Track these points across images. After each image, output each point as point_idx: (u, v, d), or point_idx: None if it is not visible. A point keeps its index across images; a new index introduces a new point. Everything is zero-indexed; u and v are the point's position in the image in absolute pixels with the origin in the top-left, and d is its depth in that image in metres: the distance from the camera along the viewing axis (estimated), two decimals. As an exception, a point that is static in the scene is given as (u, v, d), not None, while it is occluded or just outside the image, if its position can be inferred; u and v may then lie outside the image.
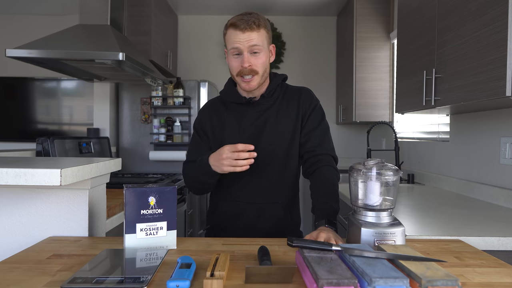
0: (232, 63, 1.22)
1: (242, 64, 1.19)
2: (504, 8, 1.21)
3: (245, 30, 1.16)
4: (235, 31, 1.18)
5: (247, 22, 1.17)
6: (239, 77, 1.22)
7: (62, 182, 0.92)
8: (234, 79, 1.26)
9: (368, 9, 3.19)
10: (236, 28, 1.18)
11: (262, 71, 1.22)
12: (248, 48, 1.18)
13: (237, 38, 1.17)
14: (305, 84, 4.04)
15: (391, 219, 0.92)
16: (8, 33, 3.90)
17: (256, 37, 1.18)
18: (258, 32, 1.19)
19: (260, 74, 1.22)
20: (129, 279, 0.73)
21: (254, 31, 1.17)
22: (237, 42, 1.18)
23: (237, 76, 1.22)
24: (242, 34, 1.17)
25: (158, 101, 3.15)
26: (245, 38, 1.17)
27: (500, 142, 1.70)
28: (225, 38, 1.23)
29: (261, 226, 1.27)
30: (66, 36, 2.10)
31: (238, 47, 1.18)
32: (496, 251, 1.13)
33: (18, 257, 0.89)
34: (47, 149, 2.12)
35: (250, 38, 1.17)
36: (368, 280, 0.65)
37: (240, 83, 1.24)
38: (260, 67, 1.21)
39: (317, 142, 1.26)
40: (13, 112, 3.83)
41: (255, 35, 1.18)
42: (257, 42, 1.18)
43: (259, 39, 1.19)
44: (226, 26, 1.22)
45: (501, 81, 1.21)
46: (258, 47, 1.19)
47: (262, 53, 1.21)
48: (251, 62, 1.19)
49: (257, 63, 1.20)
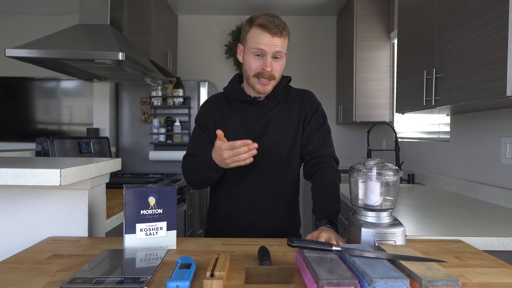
0: (251, 63, 1.20)
1: (264, 67, 1.18)
2: (504, 8, 1.21)
3: (275, 35, 1.16)
4: (264, 32, 1.16)
5: (278, 27, 1.16)
6: (256, 78, 1.21)
7: (62, 182, 0.92)
8: (248, 79, 1.24)
9: (368, 9, 3.19)
10: (265, 30, 1.16)
11: (279, 77, 1.24)
12: (273, 53, 1.18)
13: (265, 41, 1.16)
14: (305, 84, 4.05)
15: (392, 219, 0.92)
16: (8, 32, 3.90)
17: (281, 43, 1.18)
18: (284, 39, 1.19)
19: (276, 80, 1.23)
20: (129, 279, 0.73)
21: (281, 37, 1.17)
22: (263, 45, 1.16)
23: (254, 76, 1.21)
24: (271, 37, 1.16)
25: (158, 101, 3.15)
26: (273, 42, 1.16)
27: (501, 142, 1.70)
28: (248, 35, 1.20)
29: (261, 227, 1.27)
30: (66, 36, 2.10)
31: (264, 50, 1.17)
32: (496, 251, 1.13)
33: (18, 257, 0.89)
34: (46, 149, 2.12)
35: (277, 43, 1.17)
36: (369, 280, 0.65)
37: (255, 84, 1.23)
38: (278, 73, 1.22)
39: (318, 144, 1.26)
40: (13, 112, 3.83)
41: (281, 42, 1.18)
42: (281, 48, 1.18)
43: (283, 45, 1.19)
44: (251, 23, 1.19)
45: (502, 81, 1.21)
46: (281, 53, 1.20)
47: (282, 59, 1.22)
48: (272, 67, 1.19)
49: (277, 69, 1.21)
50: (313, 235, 0.97)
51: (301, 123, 1.28)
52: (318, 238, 0.94)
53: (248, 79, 1.25)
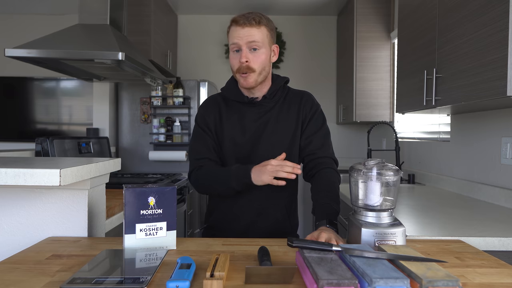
0: (232, 60, 1.22)
1: (240, 59, 1.19)
2: (504, 8, 1.21)
3: (245, 25, 1.17)
4: (235, 26, 1.19)
5: (247, 18, 1.18)
6: (238, 74, 1.22)
7: (62, 182, 0.92)
8: (235, 76, 1.26)
9: (369, 8, 3.19)
10: (236, 24, 1.19)
11: (260, 69, 1.21)
12: (247, 44, 1.18)
13: (237, 34, 1.18)
14: (305, 84, 4.05)
15: (392, 219, 0.92)
16: (8, 32, 3.90)
17: (256, 33, 1.18)
18: (258, 29, 1.18)
19: (257, 72, 1.21)
20: (129, 280, 0.73)
21: (253, 27, 1.17)
22: (236, 38, 1.18)
23: (237, 73, 1.22)
24: (241, 29, 1.17)
25: (158, 101, 3.15)
26: (244, 33, 1.17)
27: (501, 142, 1.70)
28: (228, 35, 1.23)
29: (259, 227, 1.27)
30: (66, 35, 2.10)
31: (237, 43, 1.18)
32: (497, 251, 1.13)
33: (18, 257, 0.89)
34: (46, 149, 2.12)
35: (249, 34, 1.17)
36: (369, 280, 0.65)
37: (239, 80, 1.24)
38: (257, 64, 1.20)
39: (318, 146, 1.26)
40: (13, 112, 3.83)
41: (255, 31, 1.18)
42: (256, 38, 1.18)
43: (259, 35, 1.18)
44: (229, 24, 1.22)
45: (502, 80, 1.21)
46: (257, 43, 1.18)
47: (262, 50, 1.20)
48: (248, 58, 1.19)
49: (255, 60, 1.19)
50: (313, 235, 0.97)
51: (299, 124, 1.28)
52: (318, 238, 0.94)
53: (235, 77, 1.26)
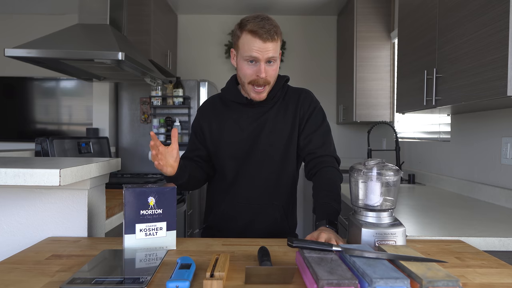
0: (245, 70, 1.18)
1: (258, 74, 1.16)
2: (505, 8, 1.20)
3: (267, 40, 1.12)
4: (255, 39, 1.12)
5: (269, 32, 1.12)
6: (250, 86, 1.19)
7: (61, 182, 0.92)
8: (243, 85, 1.23)
9: (369, 8, 3.19)
10: (256, 36, 1.12)
11: (273, 81, 1.22)
12: (266, 59, 1.15)
13: (257, 47, 1.13)
14: (305, 84, 4.05)
15: (392, 219, 0.92)
16: (7, 32, 3.90)
17: (274, 48, 1.15)
18: (276, 43, 1.16)
19: (271, 84, 1.21)
20: (129, 280, 0.73)
21: (274, 41, 1.14)
22: (256, 51, 1.13)
23: (249, 84, 1.19)
24: (262, 44, 1.12)
25: (158, 101, 3.15)
26: (265, 48, 1.13)
27: (502, 142, 1.70)
28: (239, 41, 1.17)
29: (257, 227, 1.27)
30: (65, 35, 2.10)
31: (257, 57, 1.14)
32: (497, 251, 1.13)
33: (17, 257, 0.89)
34: (46, 149, 2.12)
35: (270, 49, 1.14)
36: (369, 280, 0.65)
37: (249, 92, 1.21)
38: (273, 77, 1.20)
39: (318, 144, 1.25)
40: (12, 112, 3.83)
41: (273, 46, 1.15)
42: (274, 53, 1.15)
43: (276, 49, 1.16)
44: (242, 29, 1.15)
45: (502, 80, 1.21)
46: (275, 57, 1.17)
47: (276, 62, 1.19)
48: (267, 73, 1.16)
49: (272, 74, 1.19)
50: (312, 235, 0.97)
51: (296, 123, 1.27)
52: (318, 238, 0.94)
53: (243, 86, 1.24)
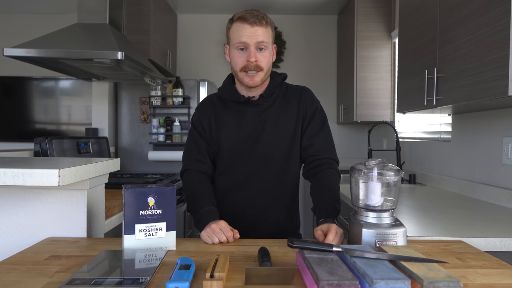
0: (236, 58, 1.19)
1: (248, 58, 1.16)
2: (506, 7, 1.20)
3: (254, 24, 1.15)
4: (243, 24, 1.15)
5: (257, 16, 1.15)
6: (243, 72, 1.19)
7: (60, 183, 0.91)
8: (237, 75, 1.22)
9: (369, 7, 3.18)
10: (244, 21, 1.15)
11: (267, 68, 1.21)
12: (255, 43, 1.16)
13: (245, 32, 1.15)
14: (306, 83, 4.03)
15: (392, 219, 0.91)
16: (7, 32, 3.89)
17: (263, 33, 1.16)
18: (266, 29, 1.17)
19: (264, 71, 1.20)
20: (128, 280, 0.72)
21: (262, 26, 1.16)
22: (244, 36, 1.15)
23: (241, 71, 1.19)
24: (250, 28, 1.15)
25: (157, 100, 3.14)
26: (253, 32, 1.15)
27: (503, 142, 1.70)
28: (230, 32, 1.20)
29: (261, 228, 1.26)
30: (64, 35, 2.09)
31: (246, 42, 1.16)
32: (498, 252, 1.12)
33: (16, 258, 0.88)
34: (45, 149, 2.11)
35: (258, 33, 1.15)
36: (369, 281, 0.65)
37: (243, 78, 1.20)
38: (265, 64, 1.19)
39: (320, 148, 1.25)
40: (11, 112, 3.82)
41: (263, 31, 1.16)
42: (263, 38, 1.17)
43: (266, 36, 1.17)
44: (232, 20, 1.19)
45: (503, 80, 1.20)
46: (265, 43, 1.17)
47: (268, 50, 1.20)
48: (257, 58, 1.17)
49: (263, 60, 1.19)
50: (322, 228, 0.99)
51: (299, 122, 1.26)
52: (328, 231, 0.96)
53: (236, 76, 1.23)
